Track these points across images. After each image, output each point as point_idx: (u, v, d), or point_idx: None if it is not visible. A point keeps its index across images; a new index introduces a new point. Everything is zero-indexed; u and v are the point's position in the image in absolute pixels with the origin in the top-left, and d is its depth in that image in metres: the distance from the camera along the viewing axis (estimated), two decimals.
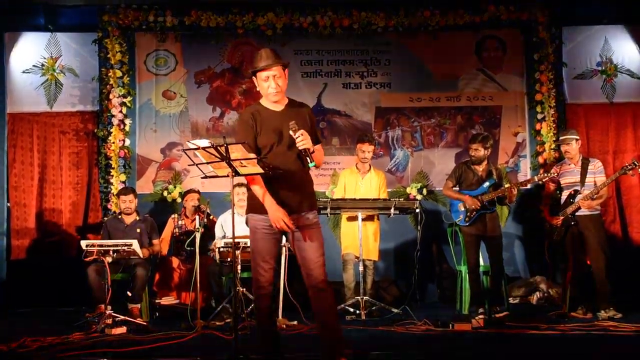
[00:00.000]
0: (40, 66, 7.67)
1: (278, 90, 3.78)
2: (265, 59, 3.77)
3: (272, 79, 3.77)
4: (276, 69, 3.76)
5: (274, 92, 3.79)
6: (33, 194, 7.51)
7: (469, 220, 6.12)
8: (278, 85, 3.77)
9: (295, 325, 5.63)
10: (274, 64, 3.74)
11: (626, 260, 6.98)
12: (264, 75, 3.77)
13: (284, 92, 3.83)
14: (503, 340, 4.89)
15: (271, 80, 3.77)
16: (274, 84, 3.77)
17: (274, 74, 3.76)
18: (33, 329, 5.50)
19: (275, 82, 3.77)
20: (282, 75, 3.78)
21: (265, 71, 3.76)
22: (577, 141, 6.08)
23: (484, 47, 7.85)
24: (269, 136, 3.79)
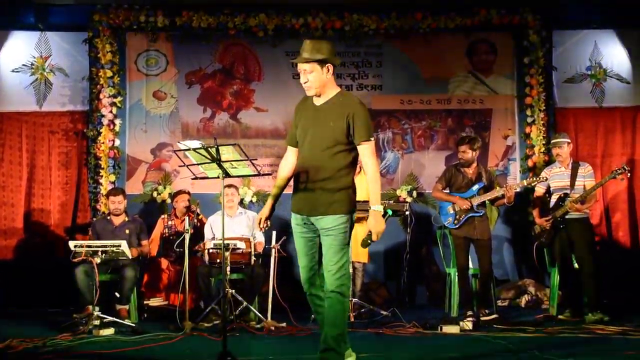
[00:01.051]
0: (30, 65, 7.62)
1: (308, 85, 3.74)
2: (301, 52, 3.76)
3: (302, 73, 3.76)
4: (308, 65, 3.72)
5: (305, 87, 3.76)
6: (21, 193, 7.46)
7: (457, 222, 6.14)
8: (308, 80, 3.73)
9: (284, 327, 5.63)
10: (306, 60, 3.71)
11: (612, 263, 7.01)
12: (298, 69, 3.78)
13: (316, 87, 3.74)
14: (491, 343, 4.90)
15: (302, 75, 3.76)
16: (304, 78, 3.75)
17: (304, 69, 3.74)
18: (20, 330, 5.46)
19: (306, 77, 3.74)
20: (314, 71, 3.71)
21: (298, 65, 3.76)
22: (568, 144, 6.12)
23: (474, 50, 7.88)
24: (302, 129, 3.78)
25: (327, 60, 3.72)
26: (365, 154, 3.69)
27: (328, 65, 3.72)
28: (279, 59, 7.76)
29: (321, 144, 3.69)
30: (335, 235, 3.66)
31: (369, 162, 3.69)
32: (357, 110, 3.67)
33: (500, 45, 7.86)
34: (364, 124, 3.65)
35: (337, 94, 3.78)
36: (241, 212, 6.61)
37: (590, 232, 6.09)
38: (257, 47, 7.76)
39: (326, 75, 3.72)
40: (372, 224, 3.63)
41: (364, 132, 3.65)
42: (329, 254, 3.67)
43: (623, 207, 7.59)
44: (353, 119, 3.65)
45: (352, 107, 3.68)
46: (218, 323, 5.61)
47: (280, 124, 7.74)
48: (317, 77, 3.71)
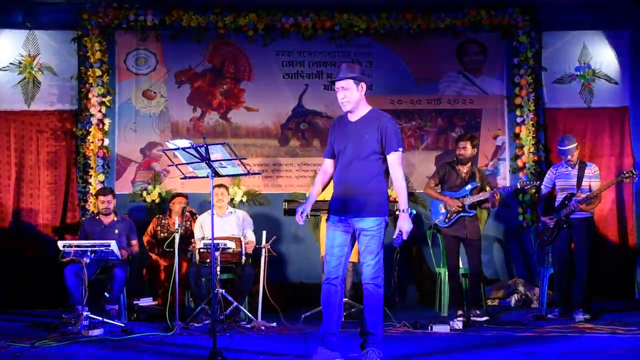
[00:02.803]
0: (18, 64, 7.57)
1: (346, 100, 4.20)
2: (340, 71, 4.24)
3: (340, 91, 4.21)
4: (344, 82, 4.18)
5: (342, 103, 4.22)
6: (10, 193, 7.40)
7: (448, 221, 6.15)
8: (345, 96, 4.18)
9: (274, 327, 5.62)
10: (343, 77, 4.19)
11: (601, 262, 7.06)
12: (335, 87, 4.25)
13: (351, 102, 4.20)
14: (481, 342, 4.92)
15: (339, 93, 4.22)
16: (341, 95, 4.21)
17: (342, 86, 4.19)
18: (8, 331, 5.43)
19: (343, 94, 4.19)
20: (350, 88, 4.17)
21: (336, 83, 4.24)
22: (577, 147, 6.14)
23: (464, 51, 7.90)
24: (339, 143, 4.24)
25: (361, 79, 4.20)
26: (394, 162, 4.15)
27: (362, 83, 4.21)
28: (269, 58, 7.76)
29: (359, 154, 4.16)
30: (373, 235, 4.14)
31: (397, 169, 4.15)
32: (390, 123, 4.18)
33: (490, 45, 7.89)
34: (394, 135, 4.15)
35: (370, 110, 4.28)
36: (231, 212, 6.60)
37: (592, 233, 6.11)
38: (247, 46, 7.75)
39: (360, 92, 4.21)
40: (402, 224, 4.13)
41: (395, 142, 4.14)
42: (367, 252, 4.15)
43: (611, 207, 7.63)
44: (387, 130, 4.13)
45: (383, 122, 4.18)
46: (208, 323, 5.59)
47: (270, 123, 7.73)
48: (352, 93, 4.18)
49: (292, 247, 7.48)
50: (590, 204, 5.97)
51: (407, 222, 4.13)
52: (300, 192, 7.50)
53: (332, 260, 4.26)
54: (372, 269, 4.15)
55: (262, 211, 7.46)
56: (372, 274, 4.16)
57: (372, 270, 4.15)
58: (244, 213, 6.66)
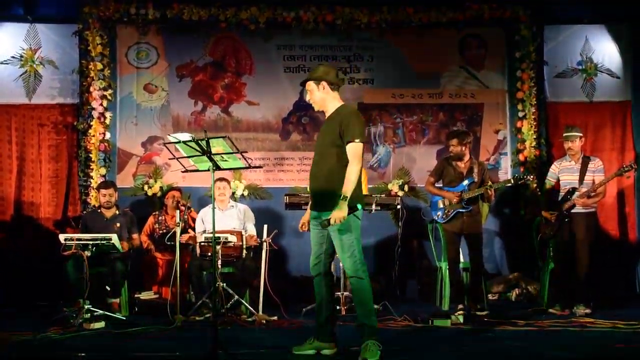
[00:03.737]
0: (19, 57, 7.56)
1: (312, 102, 4.36)
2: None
3: (307, 93, 4.37)
4: (307, 85, 4.33)
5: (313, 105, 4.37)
6: (11, 187, 7.41)
7: (446, 217, 6.15)
8: (310, 98, 4.35)
9: (275, 320, 5.63)
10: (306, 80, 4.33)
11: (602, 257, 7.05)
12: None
13: (316, 102, 4.34)
14: (482, 336, 4.92)
15: (306, 95, 4.39)
16: (307, 97, 4.38)
17: (307, 89, 4.35)
18: (10, 324, 5.45)
19: (308, 96, 4.37)
20: (312, 90, 4.31)
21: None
22: (580, 138, 6.11)
23: (466, 45, 7.89)
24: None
25: (321, 78, 4.26)
26: (349, 153, 4.13)
27: (322, 82, 4.26)
28: (270, 52, 7.75)
29: (324, 150, 4.24)
30: (342, 229, 4.12)
31: (352, 160, 4.11)
32: (349, 115, 4.20)
33: (492, 39, 7.87)
34: (351, 126, 4.12)
35: (338, 107, 4.31)
36: (232, 206, 6.60)
37: (594, 228, 6.09)
38: (249, 40, 7.74)
39: (322, 92, 4.28)
40: (337, 209, 4.04)
41: (351, 134, 4.11)
42: (339, 247, 4.19)
43: (612, 202, 7.62)
44: (343, 122, 4.15)
45: (345, 114, 4.21)
46: (209, 316, 5.60)
47: (272, 117, 7.73)
48: (314, 94, 4.30)
49: (293, 241, 7.48)
50: (592, 199, 5.95)
51: (342, 209, 4.00)
52: (302, 187, 7.49)
53: (311, 258, 4.38)
54: (350, 263, 4.17)
55: (263, 205, 7.46)
56: (351, 268, 4.17)
57: (351, 264, 4.16)
58: (245, 207, 6.67)
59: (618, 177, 6.18)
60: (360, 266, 4.17)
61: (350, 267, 4.17)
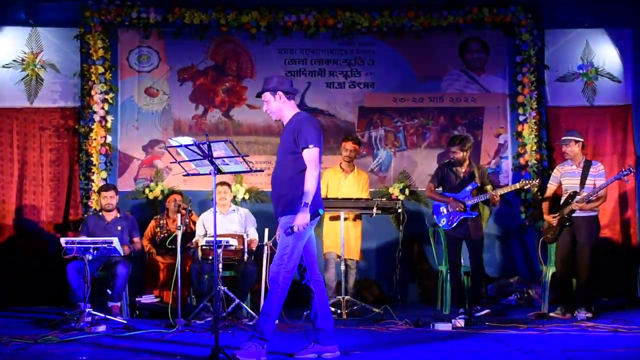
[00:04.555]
0: (21, 61, 7.58)
1: (269, 113, 4.40)
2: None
3: (264, 104, 4.41)
4: (263, 96, 4.37)
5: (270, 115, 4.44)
6: (13, 190, 7.42)
7: (451, 224, 6.15)
8: (267, 108, 4.39)
9: (275, 324, 5.61)
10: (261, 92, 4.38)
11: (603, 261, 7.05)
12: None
13: (275, 113, 4.38)
14: (483, 340, 4.92)
15: (263, 106, 4.42)
16: (264, 107, 4.41)
17: (264, 100, 4.38)
18: (10, 327, 5.44)
19: (265, 107, 4.40)
20: (268, 100, 4.35)
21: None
22: (576, 143, 6.08)
23: (467, 49, 7.90)
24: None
25: (277, 88, 4.31)
26: (305, 158, 4.19)
27: (278, 93, 4.32)
28: (271, 56, 7.76)
29: (280, 157, 4.33)
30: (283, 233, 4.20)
31: (309, 166, 4.17)
32: (302, 121, 4.26)
33: (493, 43, 7.88)
34: (304, 132, 4.19)
35: (294, 115, 4.36)
36: (234, 209, 6.60)
37: (594, 231, 6.06)
38: (250, 44, 7.75)
39: (279, 101, 4.33)
40: (298, 216, 4.10)
41: (304, 139, 4.18)
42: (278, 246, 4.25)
43: (613, 205, 7.62)
44: (297, 129, 4.22)
45: (298, 121, 4.28)
46: (210, 320, 5.60)
47: (273, 121, 7.69)
48: (271, 104, 4.35)
49: None
50: (592, 203, 5.95)
51: (301, 216, 4.07)
52: None
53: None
54: (275, 265, 4.21)
55: (264, 209, 7.44)
56: (274, 270, 4.21)
57: (275, 266, 4.20)
58: (246, 211, 6.67)
59: (618, 181, 6.16)
60: (282, 271, 4.17)
61: (273, 268, 4.21)
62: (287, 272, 4.18)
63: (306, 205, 4.08)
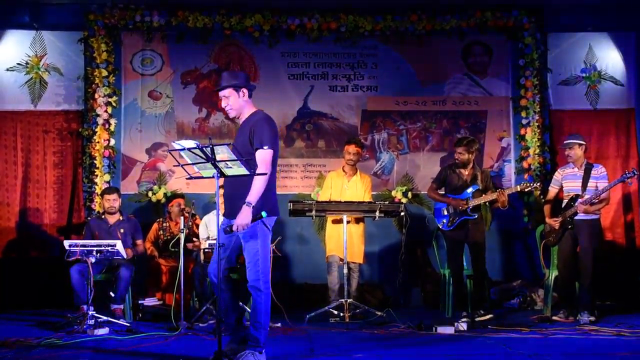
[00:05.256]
0: (25, 64, 7.60)
1: (228, 109, 4.30)
2: (221, 80, 4.29)
3: (223, 99, 4.29)
4: (226, 91, 4.26)
5: (227, 111, 4.34)
6: (17, 193, 7.44)
7: (451, 225, 6.15)
8: (228, 104, 4.28)
9: (278, 327, 5.63)
10: (224, 86, 4.26)
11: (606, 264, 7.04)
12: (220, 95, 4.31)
13: (235, 110, 4.30)
14: (486, 344, 4.91)
15: (223, 101, 4.30)
16: (224, 103, 4.30)
17: (224, 95, 4.28)
18: (14, 330, 5.46)
19: (225, 102, 4.29)
20: (231, 96, 4.26)
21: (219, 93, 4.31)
22: (579, 146, 6.08)
23: (470, 52, 7.91)
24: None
25: (242, 85, 4.27)
26: (258, 159, 4.13)
27: (242, 89, 4.27)
28: (274, 59, 7.77)
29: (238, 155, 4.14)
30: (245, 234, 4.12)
31: (260, 167, 4.11)
32: (260, 121, 4.21)
33: (496, 47, 7.89)
34: (260, 133, 4.14)
35: (252, 113, 4.32)
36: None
37: (597, 234, 6.06)
38: (253, 47, 7.77)
39: (242, 98, 4.28)
40: (239, 215, 4.03)
41: (259, 140, 4.14)
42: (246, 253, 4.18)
43: (617, 208, 7.62)
44: (253, 128, 4.18)
45: (256, 120, 4.23)
46: (213, 323, 5.60)
47: (276, 124, 7.73)
48: (234, 101, 4.27)
49: (297, 247, 7.49)
50: (595, 206, 5.94)
51: (243, 215, 3.99)
52: (306, 193, 7.51)
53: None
54: (250, 272, 4.14)
55: None
56: (251, 277, 4.14)
57: (251, 273, 4.13)
58: None
59: (621, 184, 6.16)
60: (261, 276, 4.12)
61: (251, 276, 4.13)
62: (265, 275, 4.15)
63: (249, 205, 4.00)
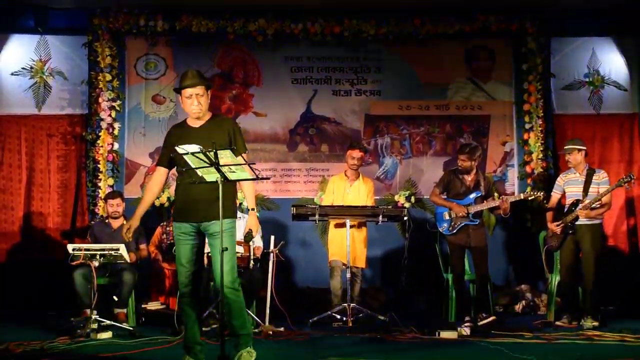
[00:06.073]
0: (29, 69, 7.64)
1: (200, 108, 4.12)
2: (190, 78, 4.09)
3: (194, 98, 4.09)
4: (199, 89, 4.09)
5: (195, 110, 4.12)
6: (20, 197, 7.47)
7: (453, 229, 6.15)
8: (200, 103, 4.10)
9: (281, 331, 5.63)
10: (198, 83, 4.08)
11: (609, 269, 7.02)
12: (187, 94, 4.10)
13: (204, 109, 4.15)
14: (489, 349, 4.90)
15: (193, 99, 4.10)
16: (196, 101, 4.10)
17: (196, 93, 4.09)
18: (17, 333, 5.46)
19: (198, 100, 4.10)
20: (204, 95, 4.12)
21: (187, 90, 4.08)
22: (579, 151, 6.08)
23: (473, 57, 7.91)
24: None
25: (210, 85, 4.21)
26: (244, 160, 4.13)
27: (210, 90, 4.19)
28: (278, 64, 7.79)
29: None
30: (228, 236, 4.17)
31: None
32: (237, 128, 4.23)
33: (499, 51, 7.89)
34: (241, 139, 4.21)
35: (214, 115, 4.26)
36: (239, 217, 6.60)
37: (599, 239, 6.05)
38: (257, 51, 7.79)
39: (208, 99, 4.18)
40: (253, 223, 4.23)
41: (243, 146, 4.21)
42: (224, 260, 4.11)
43: (620, 214, 7.61)
44: (234, 132, 4.17)
45: (230, 125, 4.24)
46: (216, 327, 5.60)
47: (279, 128, 7.77)
48: (205, 100, 4.14)
49: (300, 252, 7.49)
50: (596, 210, 5.93)
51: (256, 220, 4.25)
52: (309, 197, 7.52)
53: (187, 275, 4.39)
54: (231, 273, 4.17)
55: (270, 216, 7.47)
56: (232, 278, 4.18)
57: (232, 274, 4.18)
58: None
59: (623, 189, 6.15)
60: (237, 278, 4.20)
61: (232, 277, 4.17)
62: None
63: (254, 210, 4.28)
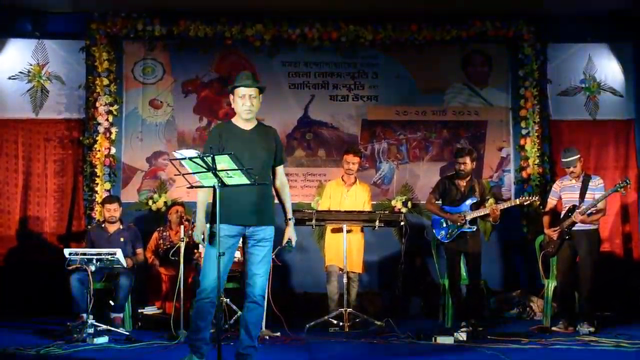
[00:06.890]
0: (27, 73, 7.63)
1: (253, 109, 4.19)
2: (246, 78, 4.19)
3: (248, 98, 4.16)
4: (254, 91, 4.17)
5: (248, 110, 4.19)
6: (17, 201, 7.45)
7: (450, 237, 6.16)
8: (253, 104, 4.18)
9: (278, 336, 5.63)
10: (253, 85, 4.17)
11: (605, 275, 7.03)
12: (241, 93, 4.17)
13: (256, 112, 4.24)
14: (485, 354, 4.91)
15: (247, 100, 4.16)
16: (249, 102, 4.17)
17: (251, 94, 4.16)
18: (14, 338, 5.45)
19: (251, 101, 4.17)
20: (257, 97, 4.19)
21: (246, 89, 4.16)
22: (579, 160, 6.11)
23: (470, 62, 7.94)
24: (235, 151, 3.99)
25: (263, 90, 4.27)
26: (282, 173, 4.34)
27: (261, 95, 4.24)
28: (275, 68, 7.80)
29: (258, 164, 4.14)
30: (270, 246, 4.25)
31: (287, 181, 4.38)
32: (279, 139, 4.34)
33: (495, 57, 7.92)
34: (282, 150, 4.34)
35: (259, 122, 4.35)
36: None
37: (595, 245, 6.06)
38: (254, 56, 7.80)
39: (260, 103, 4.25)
40: (292, 232, 4.29)
41: (284, 157, 4.37)
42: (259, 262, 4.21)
43: (616, 220, 7.63)
44: (278, 144, 4.29)
45: (277, 134, 4.35)
46: (212, 332, 5.59)
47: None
48: (257, 103, 4.22)
49: (296, 257, 7.49)
50: (593, 216, 5.95)
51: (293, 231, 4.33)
52: (306, 202, 7.52)
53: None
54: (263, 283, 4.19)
55: None
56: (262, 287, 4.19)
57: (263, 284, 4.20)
58: None
59: (619, 194, 6.16)
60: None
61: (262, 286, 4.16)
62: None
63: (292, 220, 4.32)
